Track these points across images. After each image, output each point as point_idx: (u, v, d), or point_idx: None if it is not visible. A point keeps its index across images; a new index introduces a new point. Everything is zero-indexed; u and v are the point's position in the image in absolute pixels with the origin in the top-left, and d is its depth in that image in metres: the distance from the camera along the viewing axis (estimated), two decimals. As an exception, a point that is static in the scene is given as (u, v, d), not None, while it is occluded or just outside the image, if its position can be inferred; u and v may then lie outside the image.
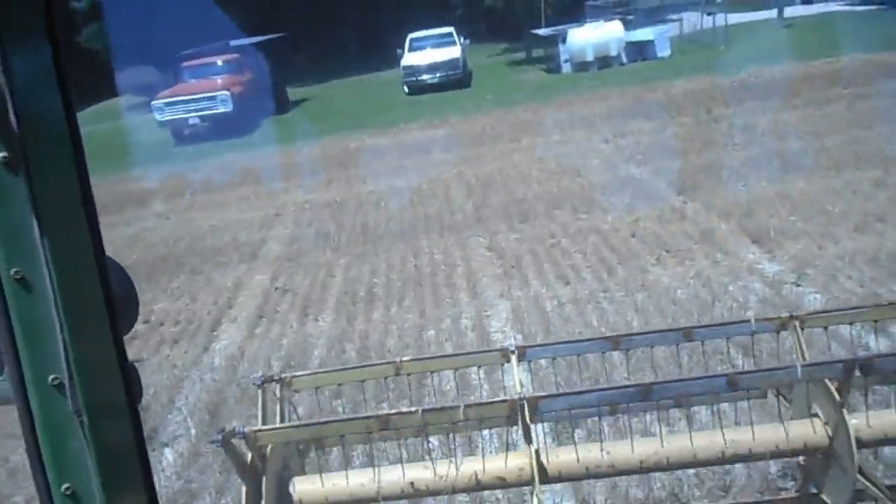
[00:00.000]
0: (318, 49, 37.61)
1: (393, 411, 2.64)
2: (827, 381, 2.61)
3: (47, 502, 0.81)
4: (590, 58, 20.76)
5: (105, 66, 30.82)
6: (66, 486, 0.80)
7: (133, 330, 1.02)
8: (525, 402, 2.54)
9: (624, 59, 21.26)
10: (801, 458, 2.96)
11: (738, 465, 3.64)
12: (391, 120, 17.25)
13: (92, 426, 0.79)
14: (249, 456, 2.59)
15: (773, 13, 28.62)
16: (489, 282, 7.39)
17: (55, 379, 0.78)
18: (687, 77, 16.72)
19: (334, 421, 2.81)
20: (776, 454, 2.75)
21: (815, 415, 2.72)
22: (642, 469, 2.77)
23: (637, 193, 9.43)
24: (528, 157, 12.32)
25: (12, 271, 0.75)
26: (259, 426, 2.68)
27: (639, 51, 21.49)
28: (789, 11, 28.87)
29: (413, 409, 2.60)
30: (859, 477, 2.54)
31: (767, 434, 2.69)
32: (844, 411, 2.54)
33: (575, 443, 2.83)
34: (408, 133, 15.33)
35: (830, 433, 2.63)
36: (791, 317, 2.99)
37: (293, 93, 25.99)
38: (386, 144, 14.65)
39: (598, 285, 6.86)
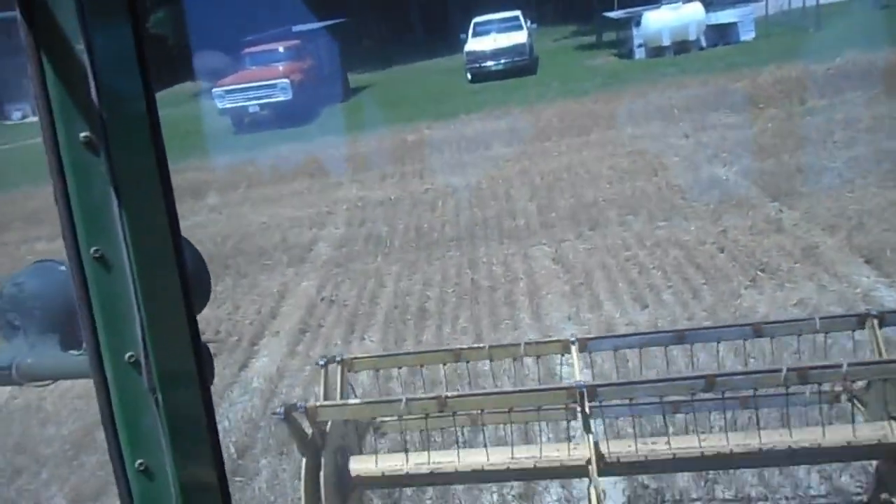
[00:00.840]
0: (382, 34, 37.13)
1: (452, 393, 2.65)
2: None
3: (122, 477, 0.82)
4: (666, 42, 19.39)
5: (172, 51, 31.19)
6: (139, 461, 0.82)
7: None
8: (584, 390, 2.51)
9: (703, 44, 19.80)
10: (874, 462, 2.85)
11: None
12: (452, 110, 16.46)
13: (166, 404, 0.80)
14: (310, 431, 2.70)
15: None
16: (555, 301, 6.56)
17: (131, 356, 0.79)
18: (775, 63, 15.26)
19: (393, 400, 2.75)
20: (847, 455, 2.63)
21: (893, 417, 2.61)
22: (705, 463, 2.71)
23: (724, 199, 8.38)
24: (598, 154, 11.34)
25: (92, 250, 0.77)
26: (321, 402, 2.78)
27: (720, 34, 19.97)
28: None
29: (470, 392, 2.71)
30: None
31: (838, 434, 2.60)
32: None
33: (636, 434, 2.73)
34: (468, 125, 14.52)
35: None
36: (868, 314, 2.84)
37: (355, 79, 25.56)
38: (445, 137, 13.89)
39: (681, 311, 5.95)
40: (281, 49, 20.09)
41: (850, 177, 8.53)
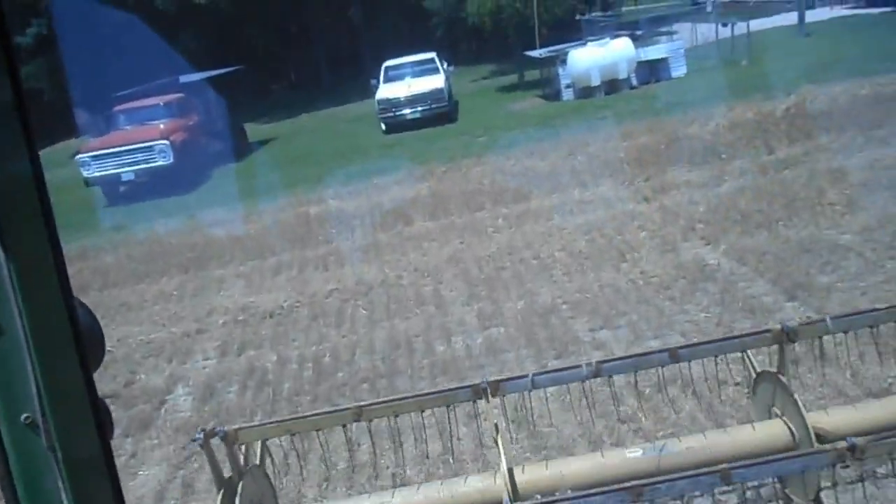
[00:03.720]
0: (288, 80, 34.65)
1: (365, 403, 2.77)
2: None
3: None
4: (595, 82, 17.75)
5: (49, 107, 27.57)
6: None
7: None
8: (488, 386, 2.75)
9: (634, 82, 18.29)
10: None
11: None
12: (364, 169, 14.06)
13: (66, 463, 0.80)
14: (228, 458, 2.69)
15: (776, 20, 25.94)
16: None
17: (27, 418, 0.79)
18: (719, 103, 13.68)
19: (312, 415, 2.83)
20: (741, 456, 2.66)
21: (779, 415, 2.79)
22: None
23: (726, 300, 6.25)
24: (543, 228, 9.16)
25: None
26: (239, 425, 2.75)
27: (651, 71, 18.54)
28: (783, 19, 26.31)
29: (385, 398, 2.85)
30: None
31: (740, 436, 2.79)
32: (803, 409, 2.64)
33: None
34: (383, 191, 12.14)
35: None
36: (782, 330, 2.84)
37: (258, 131, 22.94)
38: (356, 207, 11.45)
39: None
40: (161, 104, 17.24)
41: (873, 257, 6.60)
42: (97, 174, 15.88)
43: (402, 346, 6.59)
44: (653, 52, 18.73)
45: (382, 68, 20.28)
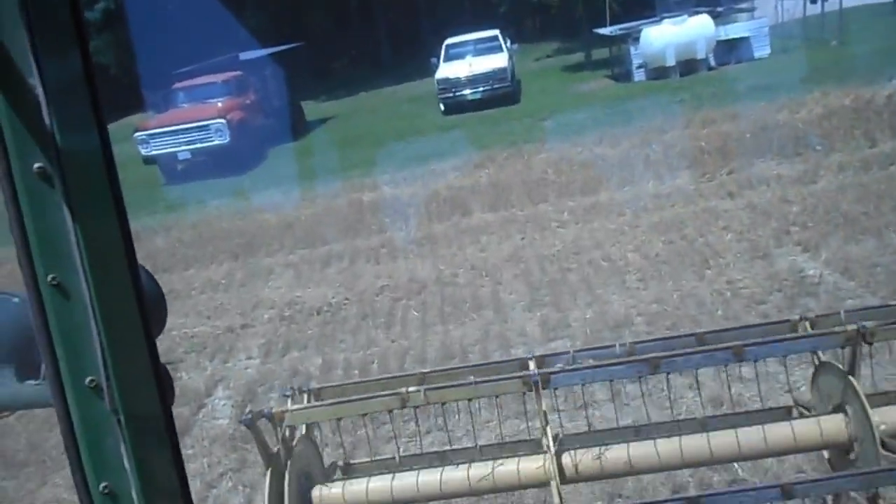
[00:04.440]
0: (349, 57, 34.23)
1: (412, 388, 2.65)
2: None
3: (86, 500, 0.84)
4: (670, 62, 16.59)
5: (114, 82, 27.98)
6: (104, 484, 0.83)
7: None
8: (539, 379, 2.55)
9: (713, 62, 17.03)
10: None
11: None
12: (420, 153, 13.45)
13: (128, 426, 0.82)
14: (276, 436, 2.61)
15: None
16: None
17: (92, 381, 0.80)
18: (810, 88, 12.46)
19: (357, 399, 2.74)
20: (798, 449, 2.64)
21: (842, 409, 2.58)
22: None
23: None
24: (614, 225, 8.37)
25: (49, 277, 0.78)
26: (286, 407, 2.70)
27: (731, 51, 17.23)
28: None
29: (431, 385, 2.66)
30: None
31: (786, 430, 2.61)
32: (867, 404, 2.44)
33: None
34: (440, 177, 11.50)
35: (854, 429, 2.56)
36: (858, 331, 2.52)
37: (317, 109, 22.62)
38: (410, 195, 10.86)
39: None
40: (219, 82, 16.98)
41: None
42: (154, 152, 15.77)
43: (457, 356, 5.99)
44: (734, 31, 17.39)
45: (443, 46, 19.53)
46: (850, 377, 2.66)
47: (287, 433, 2.76)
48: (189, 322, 7.80)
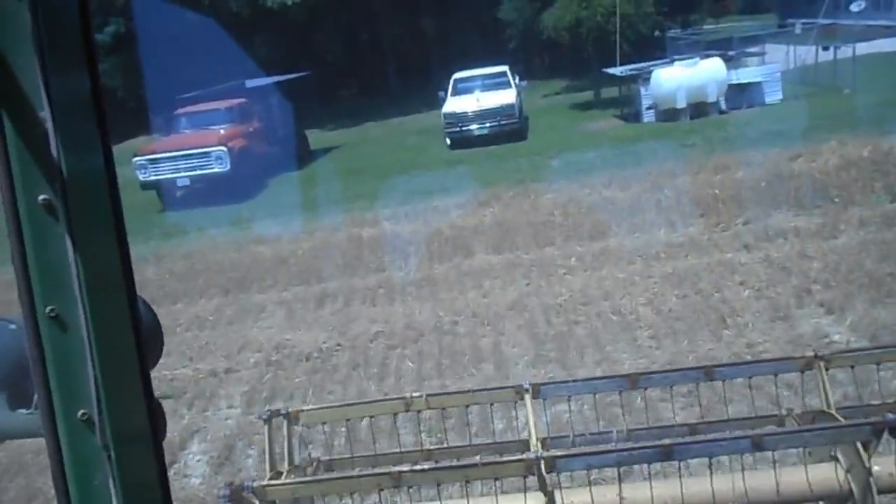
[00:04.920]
0: (356, 87, 34.23)
1: (406, 468, 2.67)
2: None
3: None
4: (681, 104, 16.34)
5: (121, 105, 27.88)
6: None
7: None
8: (542, 461, 2.49)
9: (724, 106, 16.78)
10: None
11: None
12: (424, 188, 13.11)
13: (118, 461, 0.81)
14: None
15: (876, 45, 23.69)
16: None
17: (84, 414, 0.79)
18: (825, 136, 12.13)
19: (345, 477, 2.78)
20: (798, 499, 2.67)
21: (836, 458, 2.66)
22: None
23: (864, 397, 4.94)
24: (624, 274, 7.96)
25: (48, 309, 0.78)
26: (267, 481, 2.67)
27: (742, 95, 16.98)
28: (886, 44, 24.01)
29: (426, 466, 2.73)
30: None
31: (790, 478, 2.66)
32: (866, 457, 2.50)
33: (590, 483, 2.59)
34: (443, 215, 11.13)
35: (851, 479, 2.63)
36: (816, 356, 2.86)
37: (322, 138, 22.45)
38: (411, 233, 10.47)
39: None
40: (222, 109, 16.74)
41: None
42: (152, 178, 15.46)
43: (454, 417, 5.52)
44: (745, 75, 17.19)
45: (451, 80, 19.35)
46: (839, 417, 2.74)
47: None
48: (170, 363, 7.34)
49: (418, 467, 2.79)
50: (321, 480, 2.86)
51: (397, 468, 2.70)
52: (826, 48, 18.90)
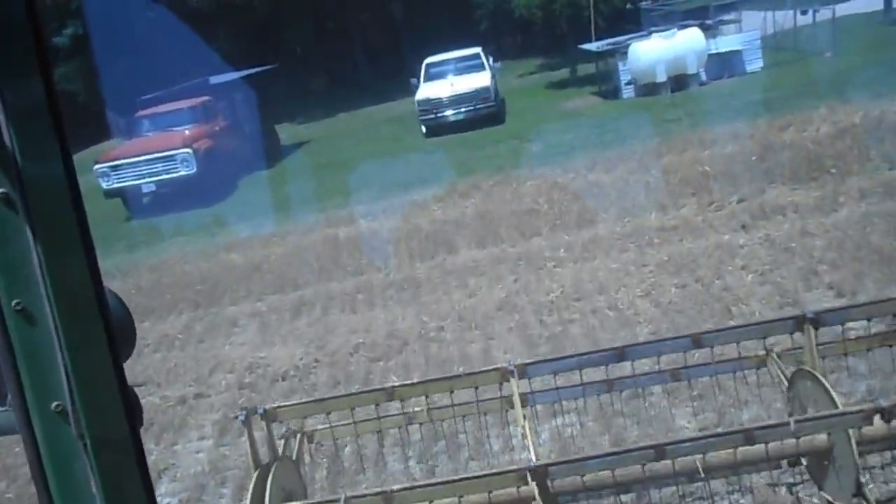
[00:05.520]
0: (326, 77, 33.38)
1: (398, 383, 3.26)
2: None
3: None
4: (661, 78, 15.86)
5: (83, 110, 26.90)
6: None
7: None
8: (532, 472, 2.68)
9: (704, 77, 16.33)
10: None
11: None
12: (401, 180, 12.56)
13: (95, 450, 0.82)
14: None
15: (854, 6, 23.27)
16: None
17: (58, 406, 0.80)
18: (812, 104, 11.72)
19: (347, 395, 3.34)
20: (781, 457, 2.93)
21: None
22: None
23: (890, 388, 4.51)
24: (617, 263, 7.49)
25: (14, 303, 0.78)
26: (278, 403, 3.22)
27: (723, 65, 16.55)
28: (863, 4, 23.68)
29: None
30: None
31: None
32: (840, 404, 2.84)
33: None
34: (422, 209, 10.60)
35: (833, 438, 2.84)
36: (805, 317, 3.15)
37: (293, 132, 21.78)
38: (390, 231, 9.93)
39: None
40: (186, 108, 16.01)
41: None
42: (116, 185, 14.74)
43: (445, 438, 5.02)
44: (724, 44, 16.74)
45: (423, 65, 18.73)
46: (817, 375, 3.03)
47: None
48: (138, 391, 6.77)
49: (410, 381, 3.18)
50: (324, 399, 3.27)
51: (390, 384, 3.13)
52: (804, 12, 18.49)
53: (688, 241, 7.68)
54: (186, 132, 15.19)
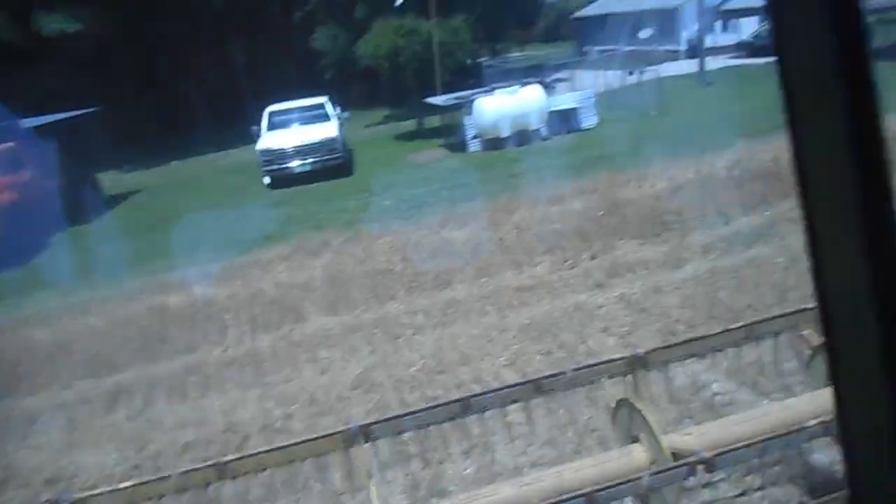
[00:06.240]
0: (160, 122, 31.15)
1: (230, 457, 3.14)
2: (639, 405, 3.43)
3: None
4: (506, 132, 16.18)
5: None
6: None
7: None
8: (358, 429, 3.10)
9: (545, 133, 16.89)
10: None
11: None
12: (241, 237, 11.53)
13: None
14: None
15: (669, 68, 25.66)
16: None
17: None
18: (647, 159, 12.33)
19: (161, 478, 3.00)
20: (605, 480, 3.04)
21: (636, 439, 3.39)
22: None
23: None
24: (479, 329, 7.09)
25: None
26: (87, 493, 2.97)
27: (561, 121, 17.24)
28: (677, 67, 26.31)
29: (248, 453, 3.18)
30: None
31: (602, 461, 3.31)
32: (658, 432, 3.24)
33: None
34: (266, 270, 9.67)
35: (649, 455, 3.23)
36: (635, 357, 3.83)
37: (120, 181, 19.90)
38: (228, 297, 8.90)
39: None
40: (-15, 156, 13.88)
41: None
42: None
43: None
44: (563, 101, 17.50)
45: (266, 113, 17.81)
46: (637, 404, 3.40)
47: None
48: None
49: (245, 454, 3.05)
50: (131, 486, 3.22)
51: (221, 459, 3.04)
52: (631, 72, 19.91)
53: (546, 302, 7.47)
54: (-16, 184, 13.09)
